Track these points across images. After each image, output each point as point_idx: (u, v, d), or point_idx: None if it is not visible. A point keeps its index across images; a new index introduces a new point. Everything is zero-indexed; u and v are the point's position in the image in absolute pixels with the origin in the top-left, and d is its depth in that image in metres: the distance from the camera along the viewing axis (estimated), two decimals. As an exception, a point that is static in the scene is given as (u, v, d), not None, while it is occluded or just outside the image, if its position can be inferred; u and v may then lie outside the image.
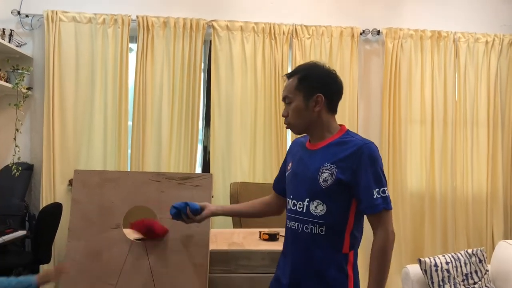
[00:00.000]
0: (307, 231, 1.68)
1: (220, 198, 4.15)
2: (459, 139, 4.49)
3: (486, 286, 2.95)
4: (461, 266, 3.00)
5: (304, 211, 1.69)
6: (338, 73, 1.87)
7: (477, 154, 4.51)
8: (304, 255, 1.69)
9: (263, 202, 2.07)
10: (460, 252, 3.11)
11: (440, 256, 3.07)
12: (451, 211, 4.42)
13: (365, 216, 1.72)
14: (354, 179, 1.65)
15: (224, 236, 2.64)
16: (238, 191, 3.82)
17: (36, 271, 3.95)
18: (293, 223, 1.73)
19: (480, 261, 3.03)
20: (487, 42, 4.50)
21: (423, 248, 4.37)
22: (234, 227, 3.73)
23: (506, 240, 3.22)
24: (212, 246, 2.35)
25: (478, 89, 4.51)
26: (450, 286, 2.92)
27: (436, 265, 2.97)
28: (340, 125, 1.80)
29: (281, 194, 1.97)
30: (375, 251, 1.64)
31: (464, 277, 2.96)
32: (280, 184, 1.95)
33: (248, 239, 2.57)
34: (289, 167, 1.83)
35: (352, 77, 4.35)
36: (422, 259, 3.03)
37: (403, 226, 4.37)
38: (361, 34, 4.42)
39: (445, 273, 2.95)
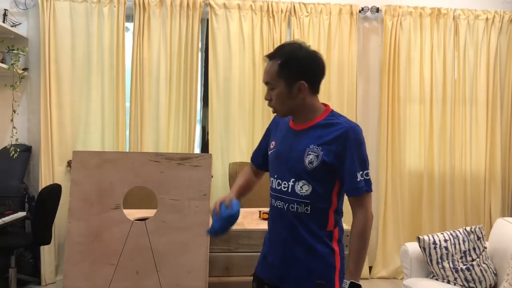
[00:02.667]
0: (293, 210, 1.70)
1: (219, 178, 4.15)
2: (458, 117, 4.48)
3: (484, 263, 2.97)
4: (459, 244, 3.02)
5: (289, 190, 1.71)
6: (337, 51, 1.83)
7: (475, 132, 4.50)
8: (291, 232, 1.72)
9: (249, 180, 2.00)
10: (459, 230, 3.13)
11: (439, 233, 3.09)
12: (449, 189, 4.44)
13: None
14: (339, 162, 1.67)
15: (224, 216, 2.65)
16: (237, 171, 3.82)
17: (36, 252, 3.98)
18: (279, 202, 1.74)
19: (478, 238, 3.05)
20: (487, 19, 4.45)
21: (422, 226, 4.40)
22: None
23: (504, 218, 3.24)
24: (212, 226, 2.35)
25: (477, 67, 4.48)
26: (449, 263, 2.95)
27: (434, 242, 2.99)
28: (324, 105, 1.79)
29: (259, 168, 1.97)
30: (356, 231, 1.67)
31: (462, 254, 2.99)
32: (259, 159, 1.96)
33: (248, 219, 2.58)
34: (272, 146, 1.83)
35: (350, 55, 4.30)
36: (420, 237, 3.05)
37: (402, 204, 4.39)
38: (360, 11, 4.36)
39: (444, 251, 2.97)
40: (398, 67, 4.37)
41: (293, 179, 1.70)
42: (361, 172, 1.66)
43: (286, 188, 1.71)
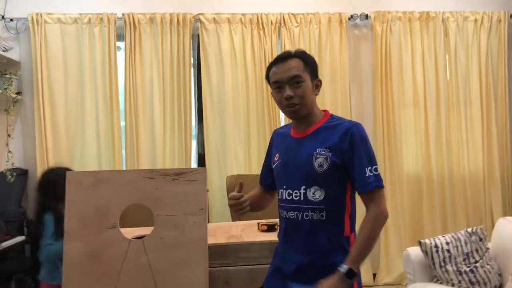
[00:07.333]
0: (307, 218, 1.68)
1: (217, 191, 4.14)
2: (453, 119, 4.48)
3: (487, 264, 2.95)
4: (461, 246, 2.99)
5: (302, 198, 1.69)
6: (328, 59, 1.88)
7: (471, 133, 4.50)
8: (307, 242, 1.69)
9: (259, 196, 2.04)
10: (460, 231, 3.11)
11: (440, 236, 3.07)
12: (448, 191, 4.42)
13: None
14: (348, 160, 1.67)
15: (223, 230, 2.63)
16: (235, 184, 3.80)
17: (36, 276, 3.93)
18: (291, 213, 1.72)
19: (481, 239, 3.03)
20: (476, 20, 4.48)
21: (423, 230, 4.37)
22: (232, 221, 3.72)
23: (505, 217, 3.23)
24: (211, 240, 2.33)
25: (469, 68, 4.50)
26: (452, 266, 2.92)
27: (436, 246, 2.97)
28: (324, 110, 1.82)
29: (268, 189, 1.98)
30: (368, 219, 1.65)
31: (465, 256, 2.96)
32: (267, 179, 1.96)
33: (247, 231, 2.56)
34: (276, 159, 1.82)
35: (342, 62, 4.32)
36: (422, 240, 3.03)
37: (402, 209, 4.37)
38: (349, 19, 4.39)
39: (446, 254, 2.95)
40: (390, 72, 4.38)
41: (304, 186, 1.69)
42: (369, 168, 1.66)
43: (298, 197, 1.70)
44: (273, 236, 2.36)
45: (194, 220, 2.18)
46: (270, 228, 2.49)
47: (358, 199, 1.76)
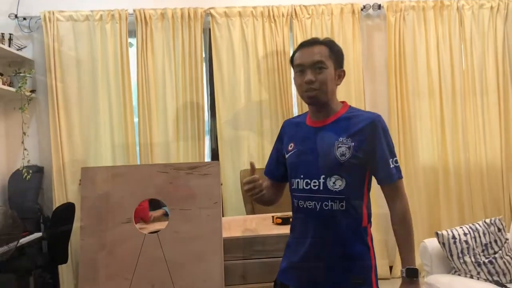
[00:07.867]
0: (327, 208, 1.65)
1: (231, 185, 4.14)
2: (469, 109, 4.41)
3: (507, 254, 2.90)
4: (479, 237, 2.95)
5: (321, 188, 1.66)
6: (341, 50, 1.84)
7: (488, 122, 4.42)
8: (326, 232, 1.67)
9: (270, 188, 1.94)
10: (478, 222, 3.06)
11: (458, 228, 3.03)
12: (465, 182, 4.35)
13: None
14: (370, 152, 1.66)
15: (237, 223, 2.63)
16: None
17: (54, 271, 3.98)
18: (309, 203, 1.68)
19: (499, 230, 2.98)
20: (492, 7, 4.39)
21: (440, 221, 4.32)
22: (247, 214, 3.72)
23: (524, 207, 3.17)
24: (226, 234, 2.33)
25: (485, 57, 4.41)
26: (470, 257, 2.88)
27: (454, 237, 2.93)
28: (342, 102, 1.80)
29: (277, 181, 1.90)
30: (398, 220, 1.67)
31: (484, 247, 2.92)
32: (277, 171, 1.89)
33: (261, 225, 2.56)
34: (290, 148, 1.78)
35: (355, 54, 4.27)
36: (439, 232, 2.99)
37: (418, 200, 4.32)
38: (361, 9, 4.34)
39: (464, 245, 2.91)
40: (404, 62, 4.32)
41: (324, 176, 1.66)
42: (391, 160, 1.66)
43: (316, 186, 1.66)
44: (288, 229, 2.34)
45: (208, 213, 2.18)
46: (285, 221, 2.48)
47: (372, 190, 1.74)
